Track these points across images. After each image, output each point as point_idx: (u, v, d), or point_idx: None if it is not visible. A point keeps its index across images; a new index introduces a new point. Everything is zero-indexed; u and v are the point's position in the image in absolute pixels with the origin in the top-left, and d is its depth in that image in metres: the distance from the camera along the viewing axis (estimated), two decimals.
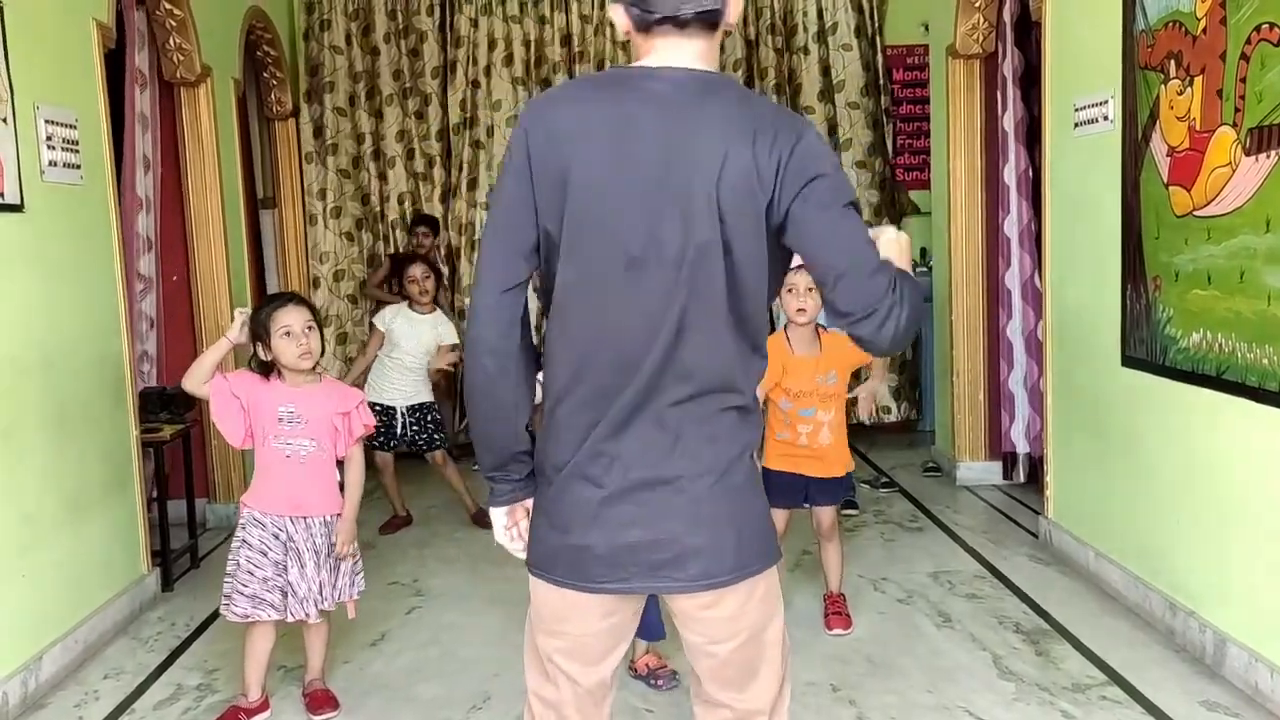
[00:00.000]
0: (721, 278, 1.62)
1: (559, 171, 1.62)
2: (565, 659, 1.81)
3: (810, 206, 1.60)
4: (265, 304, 3.13)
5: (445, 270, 6.61)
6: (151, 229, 5.01)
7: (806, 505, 3.71)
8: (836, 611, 3.73)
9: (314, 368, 3.13)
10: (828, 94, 6.90)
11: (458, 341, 5.22)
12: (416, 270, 5.15)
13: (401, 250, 6.68)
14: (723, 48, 6.88)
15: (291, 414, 3.07)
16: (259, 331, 3.06)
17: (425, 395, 5.18)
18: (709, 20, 1.64)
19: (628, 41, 1.73)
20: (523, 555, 1.83)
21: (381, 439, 5.09)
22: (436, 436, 5.19)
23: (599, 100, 1.66)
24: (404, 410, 5.11)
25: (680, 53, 1.66)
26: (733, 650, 1.79)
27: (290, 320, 3.03)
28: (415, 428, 5.14)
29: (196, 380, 3.09)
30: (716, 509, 1.69)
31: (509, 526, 1.84)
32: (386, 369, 5.12)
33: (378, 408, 5.07)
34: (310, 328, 3.08)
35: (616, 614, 1.79)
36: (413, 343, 5.09)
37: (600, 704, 1.88)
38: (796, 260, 3.61)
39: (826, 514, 3.72)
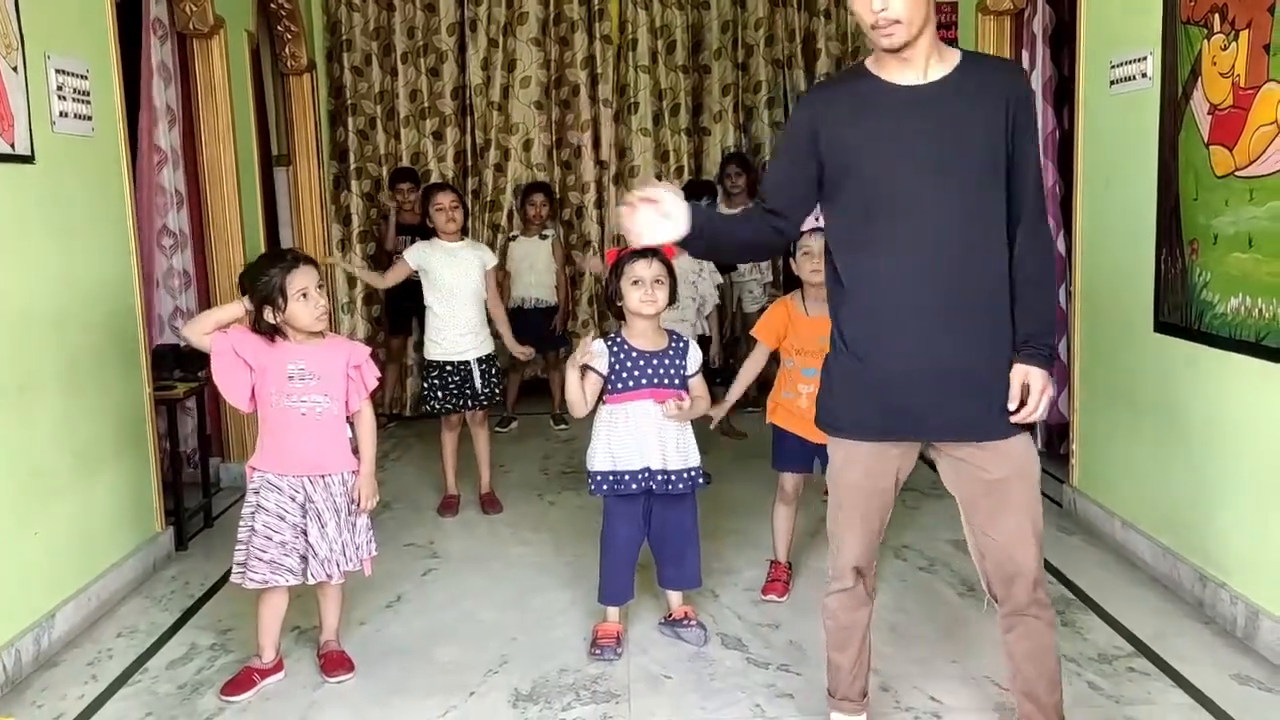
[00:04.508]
0: None
1: None
2: None
3: None
4: (272, 265, 2.96)
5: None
6: (181, 183, 4.93)
7: (817, 470, 3.65)
8: None
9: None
10: (847, 56, 6.78)
11: (497, 261, 4.87)
12: (445, 198, 4.62)
13: (380, 210, 6.58)
14: (744, 5, 6.84)
15: (302, 371, 2.99)
16: (271, 295, 2.92)
17: (489, 345, 4.71)
18: None
19: None
20: None
21: (457, 400, 4.62)
22: (496, 391, 4.74)
23: None
24: (476, 361, 4.61)
25: None
26: None
27: (306, 282, 2.95)
28: (482, 380, 4.64)
29: (197, 331, 2.98)
30: None
31: None
32: (442, 317, 4.60)
33: (449, 366, 4.60)
34: (320, 287, 3.00)
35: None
36: (455, 273, 4.56)
37: None
38: (809, 224, 3.56)
39: None
